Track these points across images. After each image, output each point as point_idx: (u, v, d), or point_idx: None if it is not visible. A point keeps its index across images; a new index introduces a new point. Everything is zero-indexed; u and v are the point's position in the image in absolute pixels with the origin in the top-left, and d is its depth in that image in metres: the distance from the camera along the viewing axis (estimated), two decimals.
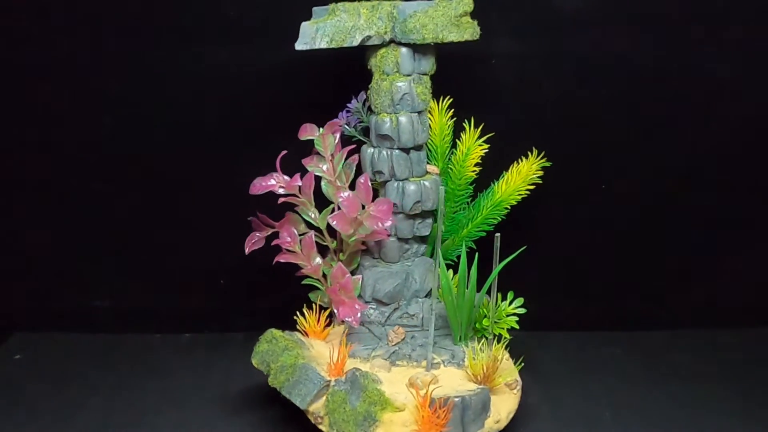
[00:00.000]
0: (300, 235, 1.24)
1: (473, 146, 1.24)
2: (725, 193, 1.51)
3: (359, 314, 1.15)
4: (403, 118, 1.17)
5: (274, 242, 1.23)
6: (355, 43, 1.15)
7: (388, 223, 1.14)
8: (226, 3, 1.35)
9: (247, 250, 1.24)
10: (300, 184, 1.20)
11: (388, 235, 1.22)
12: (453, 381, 1.10)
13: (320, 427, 1.05)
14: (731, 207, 1.52)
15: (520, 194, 1.27)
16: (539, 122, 1.44)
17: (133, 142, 1.45)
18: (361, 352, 1.19)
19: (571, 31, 1.38)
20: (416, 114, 1.18)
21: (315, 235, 1.24)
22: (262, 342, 1.14)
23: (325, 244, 1.27)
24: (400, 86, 1.16)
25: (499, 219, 1.28)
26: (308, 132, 1.23)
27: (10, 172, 1.48)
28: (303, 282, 1.27)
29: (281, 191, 1.20)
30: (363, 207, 1.16)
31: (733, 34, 1.38)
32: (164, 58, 1.38)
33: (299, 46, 1.15)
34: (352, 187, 1.21)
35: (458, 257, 1.21)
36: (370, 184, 1.17)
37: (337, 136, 1.22)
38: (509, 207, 1.28)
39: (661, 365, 1.45)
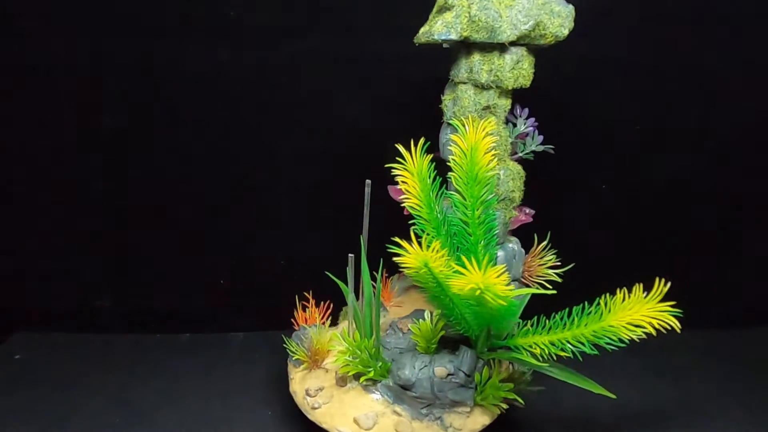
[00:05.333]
0: None
1: (479, 144, 0.97)
2: (725, 193, 1.51)
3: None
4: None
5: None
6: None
7: None
8: (226, 3, 1.35)
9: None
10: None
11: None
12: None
13: None
14: (731, 207, 1.53)
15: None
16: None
17: (133, 142, 1.45)
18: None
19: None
20: (445, 124, 1.11)
21: None
22: None
23: None
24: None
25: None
26: None
27: (10, 172, 1.48)
28: None
29: None
30: None
31: (733, 34, 1.38)
32: (164, 58, 1.38)
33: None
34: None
35: None
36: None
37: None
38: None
39: (661, 365, 1.45)
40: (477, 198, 0.99)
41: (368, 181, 1.11)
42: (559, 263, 1.21)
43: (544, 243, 1.21)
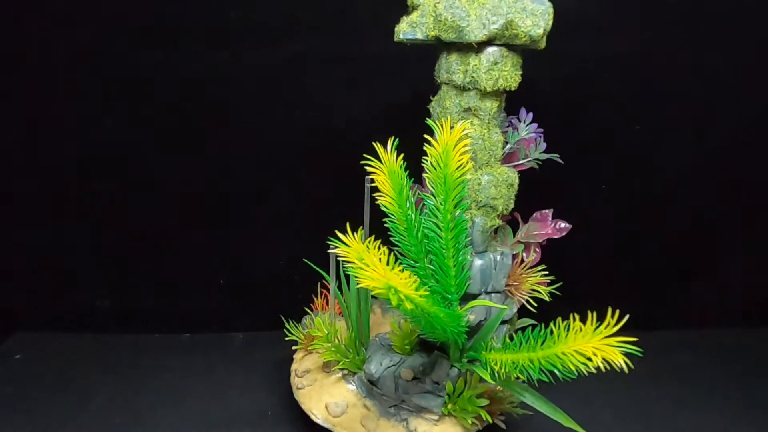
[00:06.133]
0: None
1: (451, 146, 0.95)
2: (725, 193, 1.51)
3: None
4: None
5: None
6: None
7: None
8: (226, 3, 1.35)
9: None
10: None
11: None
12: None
13: None
14: (731, 207, 1.53)
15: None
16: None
17: (133, 142, 1.45)
18: None
19: (571, 31, 1.38)
20: None
21: None
22: None
23: None
24: None
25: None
26: None
27: (11, 172, 1.48)
28: None
29: None
30: None
31: (733, 34, 1.38)
32: (164, 58, 1.38)
33: None
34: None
35: None
36: None
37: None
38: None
39: (661, 365, 1.45)
40: (447, 201, 0.97)
41: (368, 178, 1.11)
42: (549, 280, 1.18)
43: (532, 257, 1.19)
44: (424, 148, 0.99)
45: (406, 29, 1.00)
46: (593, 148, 1.47)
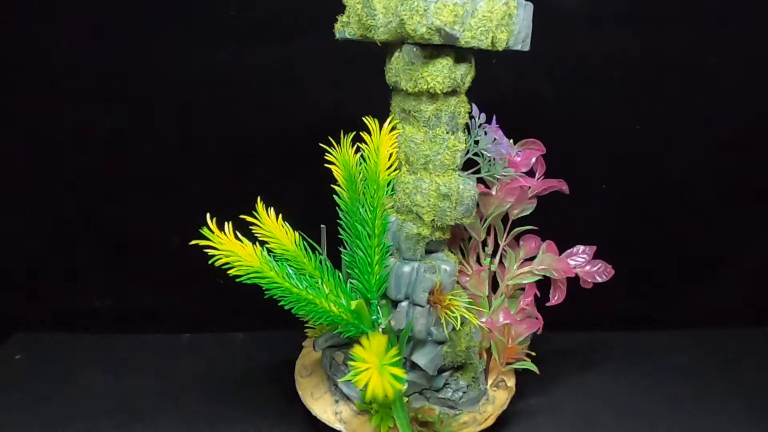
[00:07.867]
0: None
1: (384, 143, 0.98)
2: (726, 193, 1.51)
3: None
4: None
5: None
6: None
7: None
8: (226, 3, 1.35)
9: None
10: None
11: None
12: None
13: None
14: (731, 207, 1.53)
15: None
16: (539, 122, 1.44)
17: (133, 142, 1.45)
18: None
19: (571, 31, 1.38)
20: None
21: None
22: None
23: None
24: None
25: None
26: None
27: (10, 172, 1.48)
28: None
29: None
30: None
31: (733, 34, 1.39)
32: (164, 58, 1.38)
33: None
34: None
35: None
36: None
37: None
38: None
39: (661, 365, 1.45)
40: (370, 198, 1.00)
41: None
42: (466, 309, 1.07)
43: (439, 280, 1.05)
44: (359, 146, 1.02)
45: (339, 29, 1.01)
46: (593, 148, 1.47)
